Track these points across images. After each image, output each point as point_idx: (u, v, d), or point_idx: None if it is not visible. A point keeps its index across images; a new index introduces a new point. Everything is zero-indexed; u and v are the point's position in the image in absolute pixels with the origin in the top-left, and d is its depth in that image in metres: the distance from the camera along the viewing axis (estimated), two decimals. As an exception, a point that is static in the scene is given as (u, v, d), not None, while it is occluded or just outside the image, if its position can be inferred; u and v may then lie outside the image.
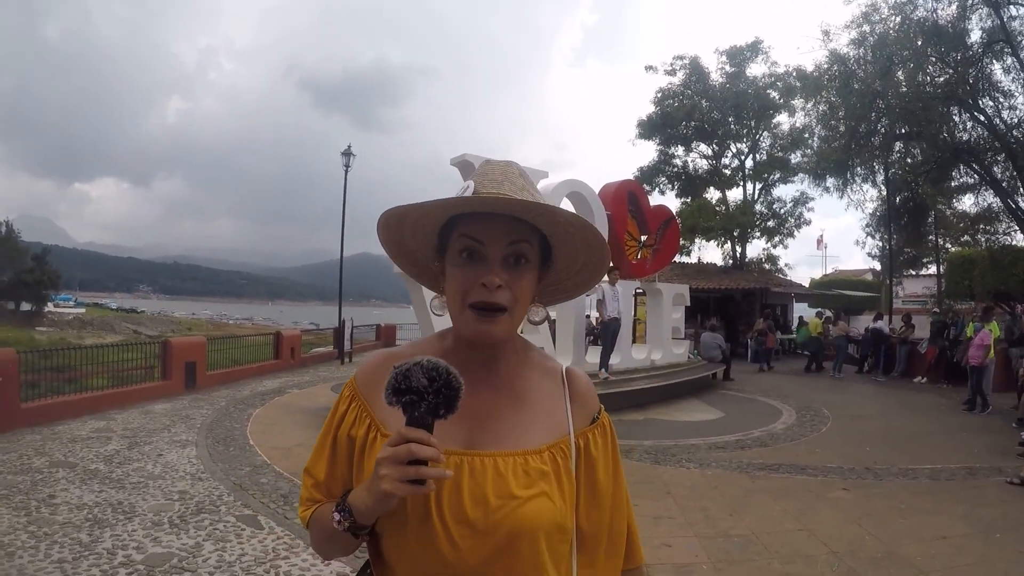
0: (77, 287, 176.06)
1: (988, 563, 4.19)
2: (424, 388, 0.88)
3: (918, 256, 24.84)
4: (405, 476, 0.87)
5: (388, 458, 0.88)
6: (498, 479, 1.00)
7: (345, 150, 19.24)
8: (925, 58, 16.47)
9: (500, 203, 1.00)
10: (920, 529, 4.85)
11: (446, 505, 0.98)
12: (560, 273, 1.15)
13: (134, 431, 7.94)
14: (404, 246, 1.16)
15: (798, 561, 4.21)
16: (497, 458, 1.02)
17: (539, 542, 1.00)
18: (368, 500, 0.93)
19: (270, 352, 15.27)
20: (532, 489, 1.01)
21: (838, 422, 9.62)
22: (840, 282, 35.89)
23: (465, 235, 1.02)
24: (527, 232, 1.04)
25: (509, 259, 1.03)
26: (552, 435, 1.08)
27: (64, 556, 4.07)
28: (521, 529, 0.99)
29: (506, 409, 1.08)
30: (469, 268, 1.02)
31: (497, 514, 0.98)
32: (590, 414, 1.14)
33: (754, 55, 25.69)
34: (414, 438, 0.88)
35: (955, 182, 20.23)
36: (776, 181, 27.11)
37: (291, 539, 4.49)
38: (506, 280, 1.01)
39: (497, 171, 1.06)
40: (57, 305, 42.44)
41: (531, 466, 1.03)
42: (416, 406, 0.89)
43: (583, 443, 1.10)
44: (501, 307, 1.01)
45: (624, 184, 12.55)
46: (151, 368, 11.12)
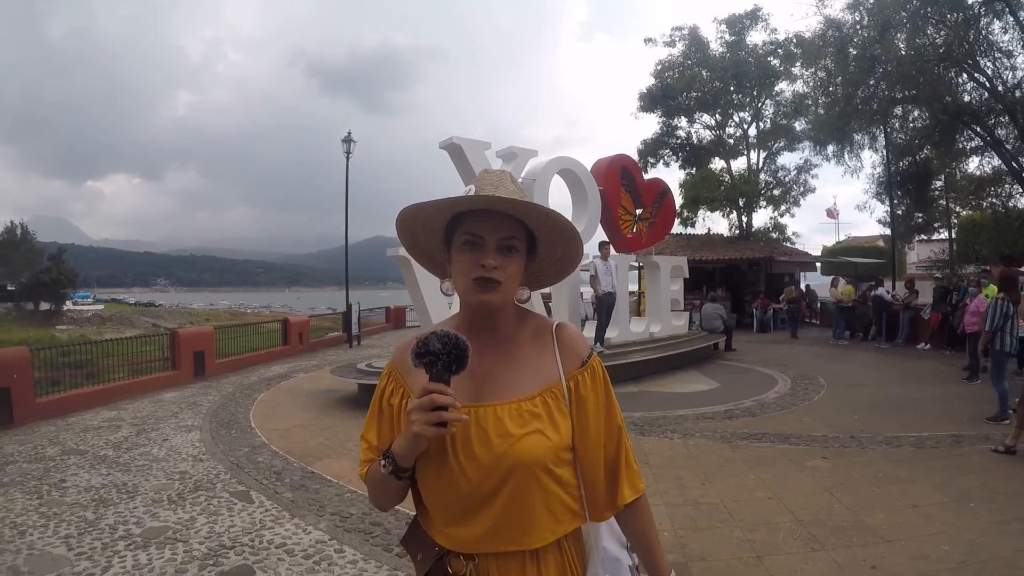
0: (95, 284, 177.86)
1: (955, 532, 4.16)
2: (439, 350, 1.15)
3: (929, 221, 24.51)
4: (430, 420, 1.12)
5: (415, 407, 1.14)
6: (498, 423, 1.24)
7: (345, 137, 19.38)
8: (924, 20, 16.15)
9: (494, 201, 1.24)
10: (892, 498, 4.85)
11: (459, 448, 1.24)
12: (543, 261, 1.42)
13: (143, 419, 8.28)
14: (416, 240, 1.41)
15: (761, 529, 4.32)
16: (497, 407, 1.26)
17: (535, 470, 1.23)
18: (404, 444, 1.19)
19: (279, 339, 15.63)
20: (526, 428, 1.25)
21: (832, 391, 9.65)
22: (852, 249, 35.54)
23: (467, 231, 1.28)
24: (517, 228, 1.30)
25: (502, 248, 1.28)
26: (544, 382, 1.31)
27: (70, 532, 4.42)
28: (519, 461, 1.22)
29: (504, 367, 1.32)
30: (471, 254, 1.28)
31: (498, 450, 1.23)
32: (579, 359, 1.35)
33: (753, 23, 25.36)
34: (434, 389, 1.13)
35: (959, 145, 19.80)
36: (781, 149, 26.93)
37: (278, 512, 4.80)
38: (500, 263, 1.27)
39: (493, 177, 1.32)
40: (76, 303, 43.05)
41: (525, 409, 1.27)
42: (434, 364, 1.15)
43: (573, 385, 1.32)
44: (496, 281, 1.26)
45: (616, 159, 12.60)
46: (165, 360, 11.46)
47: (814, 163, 25.59)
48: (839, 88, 18.19)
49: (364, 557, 3.94)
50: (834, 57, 17.91)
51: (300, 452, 6.51)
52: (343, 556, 3.97)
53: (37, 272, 35.50)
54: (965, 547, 3.91)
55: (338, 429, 7.59)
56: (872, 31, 16.82)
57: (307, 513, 4.75)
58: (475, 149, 9.73)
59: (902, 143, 20.82)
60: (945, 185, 22.76)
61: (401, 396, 1.34)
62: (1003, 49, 16.60)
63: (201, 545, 4.15)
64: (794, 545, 4.04)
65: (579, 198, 11.40)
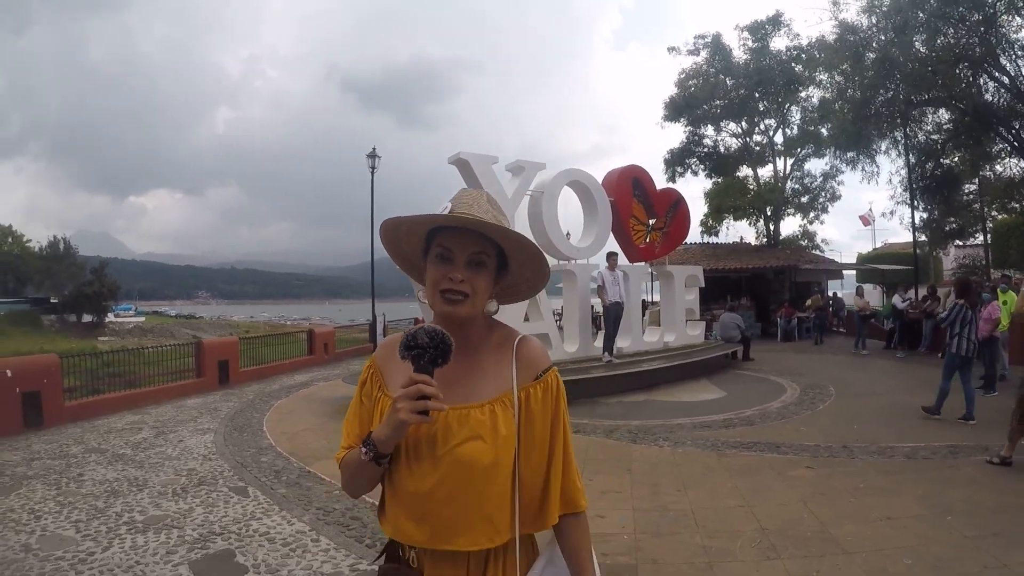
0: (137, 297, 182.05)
1: (924, 546, 4.04)
2: (426, 344, 1.22)
3: (964, 226, 23.98)
4: (416, 408, 1.19)
5: (403, 395, 1.21)
6: (446, 427, 1.32)
7: (370, 152, 19.91)
8: (943, 20, 15.95)
9: (467, 221, 1.32)
10: (868, 509, 4.76)
11: (411, 447, 1.33)
12: (515, 277, 1.48)
13: (164, 422, 8.76)
14: (399, 248, 1.50)
15: (722, 536, 4.32)
16: (449, 412, 1.31)
17: (474, 474, 1.30)
18: (387, 431, 1.25)
19: (304, 348, 16.13)
20: (468, 433, 1.31)
21: (839, 400, 9.59)
22: (887, 256, 34.95)
23: (440, 244, 1.36)
24: (487, 245, 1.37)
25: (471, 263, 1.35)
26: (495, 391, 1.37)
27: (80, 518, 4.90)
28: (458, 463, 1.30)
29: (464, 374, 1.38)
30: (442, 267, 1.35)
31: (440, 451, 1.31)
32: (534, 372, 1.41)
33: (776, 29, 25.26)
34: (421, 380, 1.21)
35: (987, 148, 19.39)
36: (808, 156, 26.74)
37: (268, 504, 5.18)
38: (468, 277, 1.34)
39: (469, 196, 1.40)
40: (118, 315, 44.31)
41: (472, 416, 1.33)
42: (421, 357, 1.22)
43: (524, 396, 1.38)
44: (463, 293, 1.33)
45: (628, 170, 12.77)
46: (190, 368, 12.00)
47: (840, 169, 25.34)
48: (856, 92, 18.06)
49: (336, 547, 4.25)
50: (850, 61, 17.79)
51: (302, 453, 6.88)
52: (318, 545, 4.30)
53: (80, 285, 36.67)
54: (929, 562, 3.81)
55: (342, 434, 7.88)
56: (888, 33, 16.69)
57: (295, 507, 5.10)
58: (482, 163, 10.04)
59: (926, 147, 20.51)
60: (979, 189, 22.31)
61: (378, 388, 1.43)
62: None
63: (193, 531, 4.55)
64: (750, 553, 4.04)
65: (590, 209, 11.63)
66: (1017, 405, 5.88)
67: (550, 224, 10.65)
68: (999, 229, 25.00)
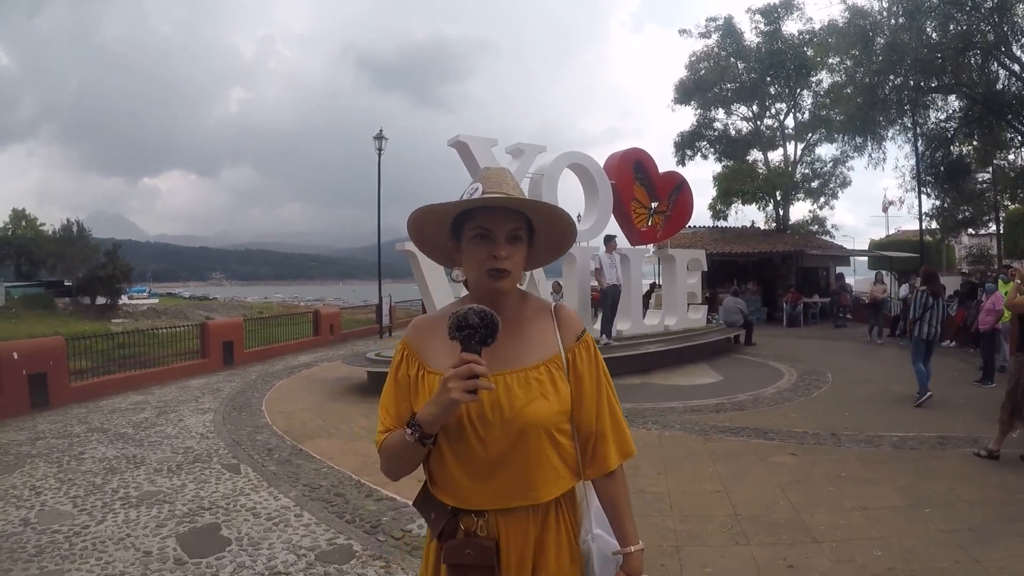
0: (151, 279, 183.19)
1: (895, 538, 4.04)
2: (477, 324, 1.26)
3: (976, 215, 23.76)
4: (467, 388, 1.23)
5: (454, 375, 1.24)
6: (507, 391, 1.38)
7: (377, 134, 19.98)
8: (955, 5, 15.76)
9: (503, 201, 1.38)
10: (845, 498, 4.78)
11: (474, 415, 1.37)
12: (538, 246, 1.53)
13: (166, 403, 8.97)
14: (425, 234, 1.54)
15: (694, 520, 4.36)
16: (506, 375, 1.40)
17: (541, 433, 1.39)
18: (436, 411, 1.28)
19: (309, 329, 16.34)
20: (533, 394, 1.39)
21: (835, 386, 9.63)
22: (900, 243, 34.64)
23: (479, 226, 1.40)
24: (520, 220, 1.43)
25: (510, 239, 1.41)
26: (546, 354, 1.46)
27: (78, 493, 5.10)
28: (527, 423, 1.37)
29: (511, 340, 1.43)
30: (483, 246, 1.40)
31: (508, 413, 1.37)
32: (575, 335, 1.51)
33: (788, 12, 25.03)
34: (471, 359, 1.24)
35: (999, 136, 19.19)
36: (819, 140, 26.53)
37: (258, 481, 5.37)
38: (509, 252, 1.40)
39: (496, 175, 1.46)
40: (131, 297, 44.57)
41: (531, 377, 1.41)
42: (472, 337, 1.26)
43: (571, 357, 1.48)
44: (507, 270, 1.40)
45: (629, 153, 12.76)
46: (195, 351, 12.22)
47: (850, 155, 25.13)
48: (865, 78, 17.92)
49: (318, 522, 4.43)
50: (860, 46, 17.61)
51: (297, 432, 7.05)
52: (300, 520, 4.47)
53: (93, 268, 36.81)
54: (899, 554, 3.80)
55: (338, 413, 8.10)
56: (899, 18, 16.51)
57: (282, 483, 5.28)
58: (481, 146, 10.12)
59: (936, 134, 20.31)
60: (993, 177, 22.09)
61: (417, 368, 1.47)
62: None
63: (183, 506, 4.75)
64: (720, 538, 4.07)
65: (591, 192, 11.67)
66: (1007, 397, 5.85)
67: (552, 208, 10.74)
68: (1011, 218, 24.76)
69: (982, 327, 10.32)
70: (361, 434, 6.98)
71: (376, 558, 3.83)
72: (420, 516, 1.54)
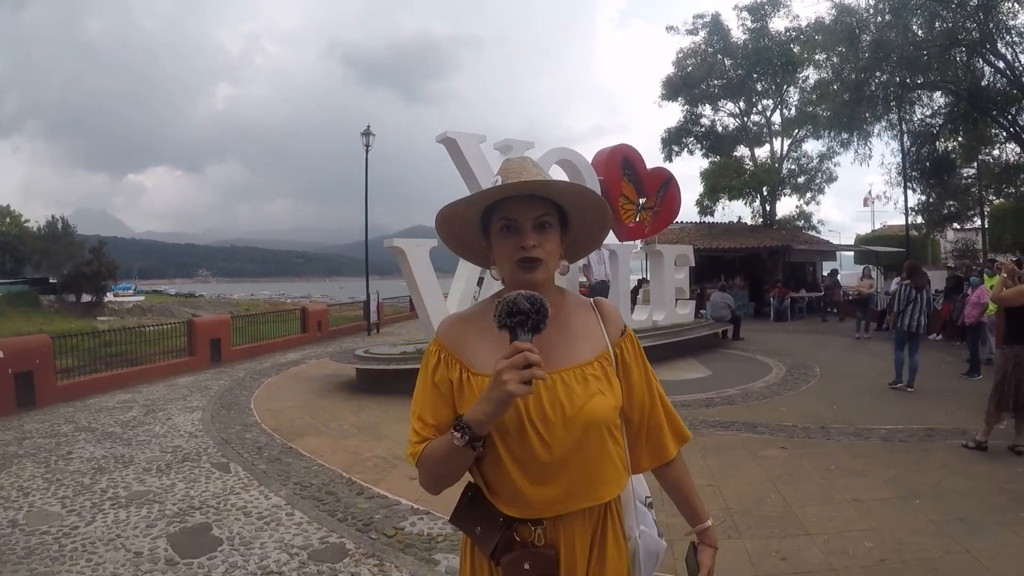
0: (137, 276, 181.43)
1: (887, 529, 4.08)
2: (528, 310, 1.17)
3: (961, 210, 23.99)
4: (523, 378, 1.14)
5: (508, 366, 1.15)
6: (566, 388, 1.34)
7: (365, 130, 19.91)
8: (941, 3, 15.92)
9: (522, 186, 1.33)
10: (835, 491, 4.82)
11: (534, 415, 1.31)
12: (576, 231, 1.48)
13: (154, 401, 8.88)
14: (455, 235, 1.50)
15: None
16: (562, 373, 1.36)
17: (602, 429, 1.36)
18: (489, 408, 1.19)
19: (297, 327, 16.25)
20: (591, 390, 1.36)
21: (823, 380, 9.71)
22: (885, 238, 34.92)
23: (503, 217, 1.36)
24: (547, 206, 1.38)
25: (537, 226, 1.36)
26: (596, 349, 1.43)
27: (67, 494, 5.03)
28: (590, 420, 1.33)
29: (558, 337, 1.40)
30: (510, 238, 1.36)
31: (571, 412, 1.32)
32: (619, 329, 1.49)
33: (775, 9, 25.21)
34: (525, 348, 1.15)
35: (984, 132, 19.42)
36: (805, 136, 26.74)
37: (248, 480, 5.33)
38: (538, 241, 1.35)
39: (516, 165, 1.40)
40: (117, 294, 44.16)
41: (587, 374, 1.37)
42: (524, 324, 1.17)
43: (619, 351, 1.46)
44: (538, 259, 1.35)
45: (617, 149, 12.76)
46: (182, 349, 12.12)
47: (836, 151, 25.35)
48: (852, 74, 18.05)
49: (310, 520, 4.40)
50: (846, 43, 17.74)
51: (286, 430, 7.01)
52: (292, 518, 4.44)
53: (79, 264, 36.40)
54: (891, 545, 3.85)
55: (327, 410, 8.07)
56: (885, 15, 16.66)
57: (273, 482, 5.24)
58: (470, 142, 10.08)
59: (921, 130, 20.53)
60: (978, 173, 22.29)
61: (460, 371, 1.39)
62: (1022, 33, 16.22)
63: (174, 506, 4.70)
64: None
65: (578, 188, 11.68)
66: (994, 389, 5.89)
67: (538, 203, 10.73)
68: (996, 213, 24.99)
69: (967, 320, 10.51)
70: (351, 432, 6.95)
71: (369, 556, 3.81)
72: (460, 529, 1.46)
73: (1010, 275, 5.94)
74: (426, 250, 9.95)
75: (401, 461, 5.76)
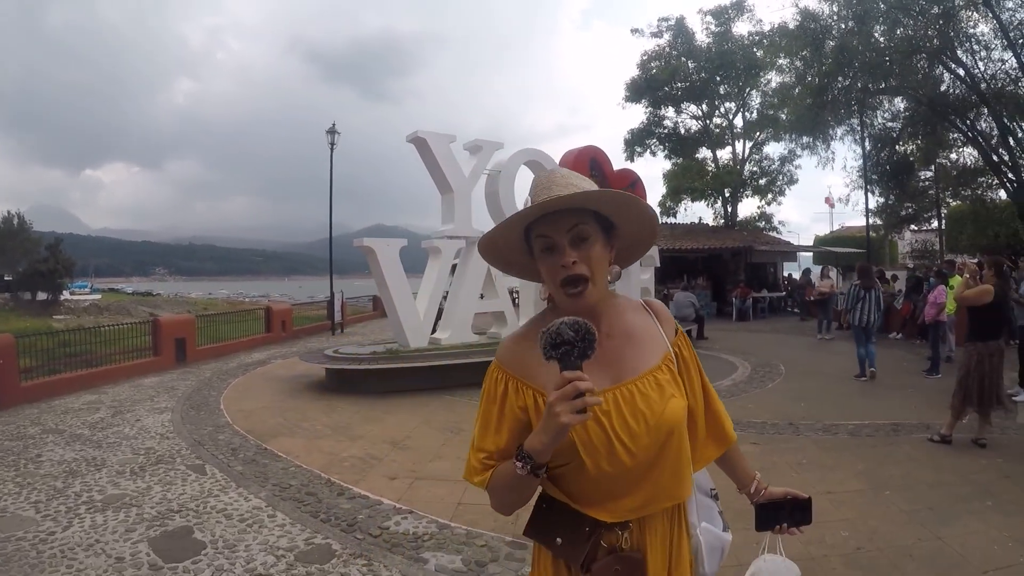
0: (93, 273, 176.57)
1: (861, 519, 4.24)
2: (572, 339, 1.14)
3: (919, 212, 24.65)
4: (575, 408, 1.12)
5: (559, 397, 1.13)
6: (644, 398, 1.33)
7: (330, 128, 19.68)
8: (903, 11, 16.35)
9: (543, 207, 1.29)
10: (808, 484, 4.86)
11: (618, 428, 1.30)
12: (624, 232, 1.40)
13: (121, 402, 8.70)
14: (504, 258, 1.47)
15: None
16: (636, 383, 1.35)
17: (682, 431, 1.37)
18: (545, 439, 1.18)
19: (261, 326, 16.03)
20: (666, 394, 1.36)
21: (788, 378, 9.90)
22: (844, 239, 35.76)
23: (539, 235, 1.33)
24: (581, 214, 1.31)
25: (575, 240, 1.30)
26: (659, 352, 1.42)
27: (39, 498, 4.90)
28: (671, 425, 1.33)
29: (625, 347, 1.39)
30: (550, 258, 1.32)
31: (652, 421, 1.31)
32: (673, 327, 1.49)
33: (739, 14, 25.71)
34: (575, 377, 1.13)
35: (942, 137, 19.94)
36: (767, 139, 27.27)
37: (225, 482, 5.25)
38: (578, 256, 1.29)
39: (545, 180, 1.35)
40: (73, 292, 43.04)
41: (659, 379, 1.37)
42: (571, 353, 1.14)
43: (678, 350, 1.46)
44: (583, 277, 1.29)
45: (585, 150, 12.86)
46: (147, 347, 11.87)
47: (798, 153, 25.90)
48: (815, 79, 18.43)
49: (292, 521, 4.36)
50: (810, 48, 18.08)
51: (259, 431, 6.92)
52: (274, 520, 4.40)
53: (34, 262, 35.36)
54: (866, 534, 4.01)
55: (298, 410, 7.98)
56: (849, 22, 17.00)
57: (251, 483, 5.18)
58: (440, 142, 10.10)
59: (882, 134, 21.04)
60: (935, 176, 22.88)
61: (533, 396, 1.36)
62: (981, 42, 16.75)
63: (152, 509, 4.61)
64: None
65: (546, 189, 11.72)
66: (958, 385, 6.09)
67: (507, 203, 10.73)
68: (952, 215, 25.74)
69: (927, 319, 10.81)
70: (325, 432, 6.89)
71: (357, 556, 3.80)
72: (537, 541, 1.43)
73: (972, 276, 6.16)
74: (396, 249, 9.93)
75: (379, 461, 5.76)
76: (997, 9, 15.64)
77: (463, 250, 10.62)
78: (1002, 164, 17.73)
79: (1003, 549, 3.79)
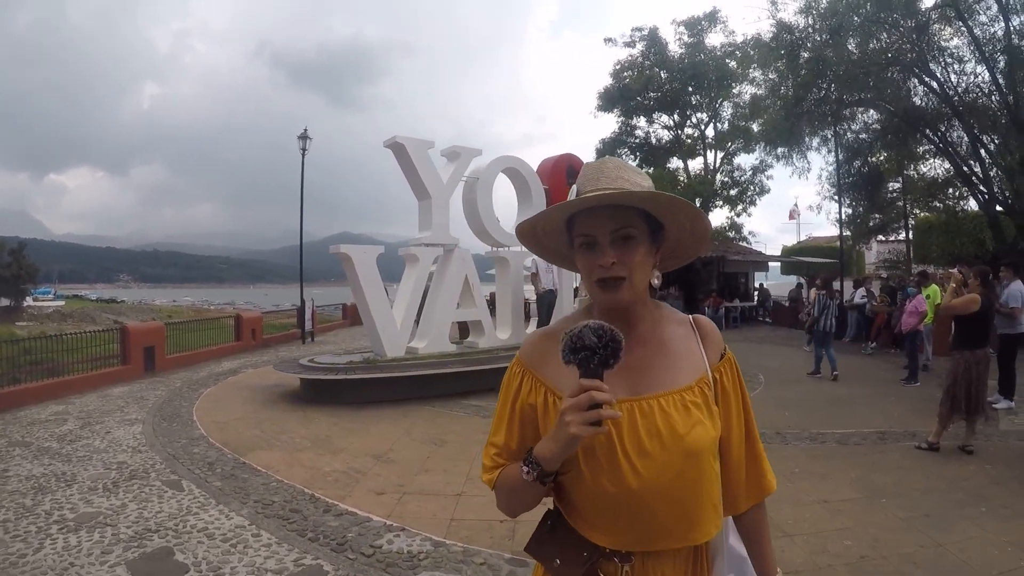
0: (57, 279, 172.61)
1: (861, 528, 4.21)
2: (595, 344, 1.06)
3: (886, 222, 25.04)
4: (587, 420, 1.04)
5: (572, 407, 1.06)
6: (664, 415, 1.21)
7: (301, 134, 19.47)
8: (877, 24, 16.61)
9: (587, 201, 1.21)
10: (803, 493, 4.89)
11: (628, 444, 1.19)
12: (673, 235, 1.32)
13: (89, 413, 8.35)
14: (541, 244, 1.40)
15: None
16: (660, 399, 1.23)
17: (703, 461, 1.21)
18: (554, 447, 1.11)
19: (231, 335, 15.68)
20: (692, 419, 1.22)
21: (769, 387, 9.91)
22: (812, 249, 36.24)
23: (580, 232, 1.25)
24: (629, 216, 1.23)
25: (618, 241, 1.21)
26: (695, 373, 1.29)
27: (7, 517, 4.58)
28: (691, 452, 1.19)
29: (656, 358, 1.28)
30: (588, 255, 1.24)
31: (669, 442, 1.19)
32: (718, 351, 1.35)
33: (712, 25, 26.03)
34: (592, 386, 1.05)
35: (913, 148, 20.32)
36: (738, 150, 27.57)
37: (204, 498, 4.99)
38: (618, 256, 1.21)
39: (593, 171, 1.27)
40: (36, 299, 42.20)
41: (687, 400, 1.24)
42: (591, 360, 1.07)
43: (718, 376, 1.32)
44: (620, 277, 1.21)
45: (562, 158, 12.88)
46: (115, 355, 11.49)
47: (769, 164, 26.22)
48: (789, 91, 18.65)
49: (278, 541, 4.15)
50: (785, 60, 18.32)
51: (235, 444, 6.66)
52: (259, 539, 4.18)
53: (-3, 268, 34.80)
54: (868, 542, 3.99)
55: (275, 422, 7.73)
56: (824, 34, 17.23)
57: (232, 500, 4.94)
58: (418, 148, 9.99)
59: (854, 145, 21.31)
60: (903, 187, 23.23)
61: (544, 395, 1.29)
62: (953, 55, 17.08)
63: (128, 529, 4.34)
64: None
65: (524, 196, 11.65)
66: (946, 394, 6.14)
67: (484, 210, 10.63)
68: (921, 226, 26.21)
69: (904, 328, 10.80)
70: (304, 444, 6.66)
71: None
72: (536, 559, 1.33)
73: (959, 286, 6.21)
74: (373, 257, 9.78)
75: (363, 476, 5.57)
76: (970, 23, 15.96)
77: (440, 257, 10.49)
78: (973, 176, 18.02)
79: (1003, 554, 3.82)
